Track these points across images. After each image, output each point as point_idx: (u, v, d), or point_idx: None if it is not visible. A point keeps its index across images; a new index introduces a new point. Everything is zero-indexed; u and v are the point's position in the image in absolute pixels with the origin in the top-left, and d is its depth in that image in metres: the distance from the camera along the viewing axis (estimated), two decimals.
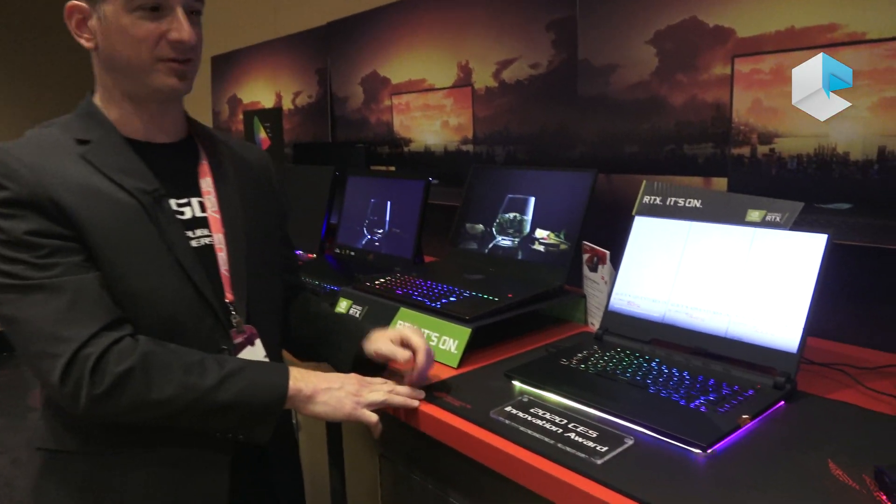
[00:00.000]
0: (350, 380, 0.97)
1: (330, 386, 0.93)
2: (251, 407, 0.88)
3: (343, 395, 0.93)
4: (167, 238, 0.91)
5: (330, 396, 0.93)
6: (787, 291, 1.01)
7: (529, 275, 1.42)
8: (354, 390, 0.95)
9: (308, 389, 0.92)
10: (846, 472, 0.77)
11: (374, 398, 0.95)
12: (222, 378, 0.86)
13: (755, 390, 0.97)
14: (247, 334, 0.99)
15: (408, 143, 2.19)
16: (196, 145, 1.02)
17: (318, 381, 0.93)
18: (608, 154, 1.58)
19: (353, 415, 0.93)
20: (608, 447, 0.84)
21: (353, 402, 0.93)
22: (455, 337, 1.18)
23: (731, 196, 1.14)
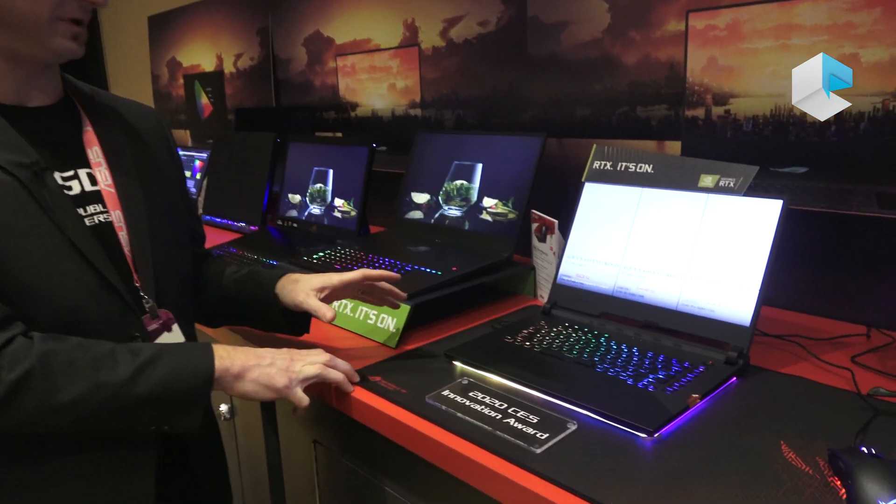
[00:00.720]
0: (281, 354, 0.88)
1: (259, 362, 0.85)
2: (175, 395, 0.79)
3: (274, 371, 0.85)
4: (56, 218, 0.78)
5: (260, 373, 0.84)
6: (741, 261, 0.96)
7: (476, 246, 1.34)
8: (286, 365, 0.87)
9: (236, 367, 0.83)
10: (799, 454, 0.73)
11: (308, 371, 0.87)
12: (137, 368, 0.76)
13: (706, 366, 0.92)
14: (162, 319, 0.89)
15: (354, 107, 2.08)
16: (76, 107, 0.89)
17: (247, 358, 0.85)
18: (560, 117, 1.50)
19: (285, 393, 0.85)
20: (549, 434, 0.78)
21: (286, 379, 0.85)
22: (393, 315, 1.10)
23: (683, 160, 1.08)
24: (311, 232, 1.75)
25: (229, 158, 2.16)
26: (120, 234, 0.86)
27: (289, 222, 1.83)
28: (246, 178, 2.05)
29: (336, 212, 1.70)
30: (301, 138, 1.86)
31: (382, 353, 1.06)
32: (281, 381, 0.85)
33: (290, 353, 0.89)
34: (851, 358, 0.97)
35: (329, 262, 1.32)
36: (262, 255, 1.62)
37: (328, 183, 1.73)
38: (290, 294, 0.99)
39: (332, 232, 1.68)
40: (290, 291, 1.00)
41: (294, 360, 0.88)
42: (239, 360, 0.84)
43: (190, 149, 2.66)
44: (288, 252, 1.59)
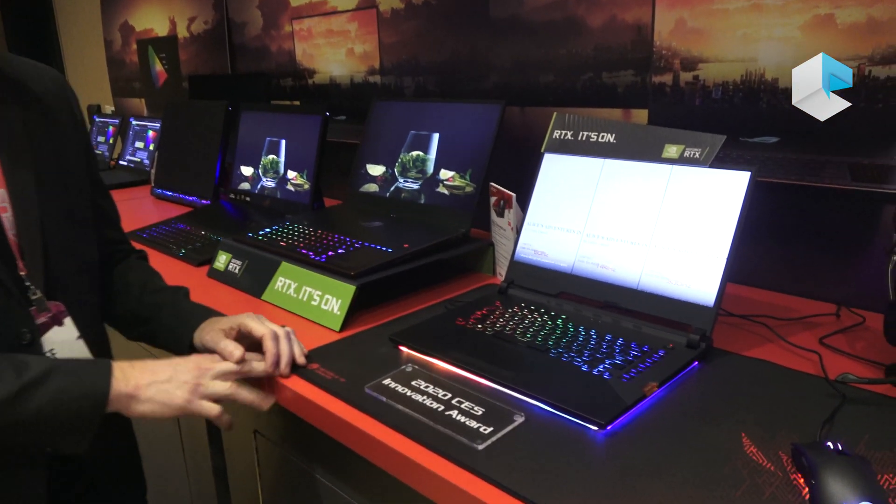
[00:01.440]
0: (185, 366, 0.79)
1: (155, 379, 0.76)
2: (61, 419, 0.70)
3: (173, 386, 0.76)
4: None
5: (156, 391, 0.75)
6: (705, 238, 0.89)
7: (433, 221, 1.27)
8: (190, 378, 0.78)
9: (129, 387, 0.74)
10: (760, 448, 0.67)
11: (215, 390, 0.79)
12: (21, 388, 0.67)
13: (667, 350, 0.86)
14: (52, 312, 0.80)
15: (312, 74, 1.97)
16: None
17: (141, 375, 0.76)
18: (523, 84, 1.42)
19: (188, 409, 0.77)
20: (493, 427, 0.71)
21: (187, 394, 0.77)
22: (338, 296, 1.03)
23: (647, 129, 1.01)
24: (264, 206, 1.66)
25: (180, 129, 2.05)
26: (3, 216, 0.76)
27: (241, 196, 1.74)
28: (197, 149, 1.95)
29: (289, 185, 1.60)
30: (253, 107, 1.76)
31: (326, 337, 0.98)
32: (180, 398, 0.76)
33: (196, 365, 0.80)
34: (820, 339, 0.92)
35: (275, 240, 1.24)
36: (211, 231, 1.53)
37: (280, 154, 1.64)
38: (198, 337, 0.88)
39: (285, 206, 1.59)
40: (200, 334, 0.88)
41: (202, 373, 0.79)
42: (133, 378, 0.75)
43: (143, 118, 2.53)
44: (237, 228, 1.50)
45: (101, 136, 2.79)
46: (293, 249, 1.17)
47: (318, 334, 0.99)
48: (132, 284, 0.96)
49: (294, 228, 1.29)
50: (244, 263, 1.22)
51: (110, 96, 3.20)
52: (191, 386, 0.77)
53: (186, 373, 0.78)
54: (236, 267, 1.23)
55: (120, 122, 2.70)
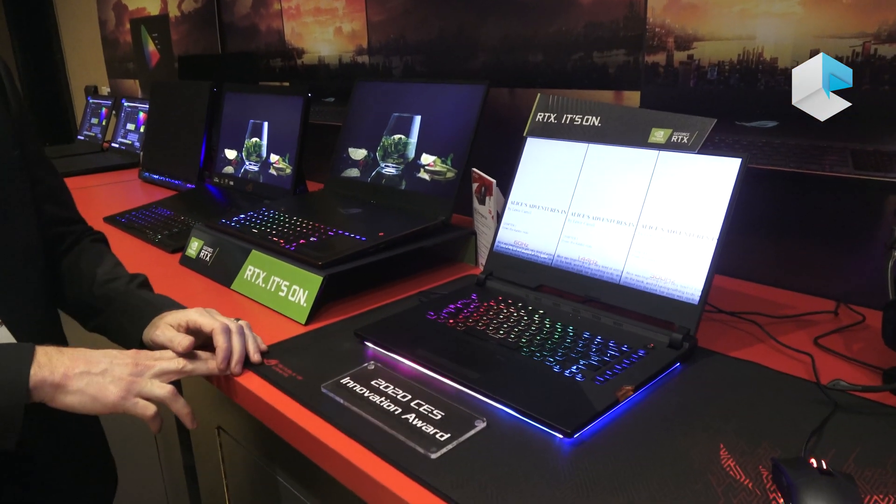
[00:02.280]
0: (122, 359, 0.73)
1: (89, 369, 0.70)
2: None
3: (108, 381, 0.70)
4: None
5: (88, 383, 0.69)
6: (692, 230, 0.83)
7: (413, 208, 1.21)
8: (126, 373, 0.72)
9: (56, 376, 0.68)
10: (739, 461, 0.61)
11: (152, 391, 0.72)
12: None
13: (647, 350, 0.80)
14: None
15: (300, 54, 1.91)
16: None
17: (73, 363, 0.69)
18: (512, 64, 1.35)
19: (121, 406, 0.70)
20: (451, 434, 0.66)
21: (122, 391, 0.70)
22: (305, 287, 0.97)
23: (634, 112, 0.94)
24: (246, 191, 1.61)
25: (166, 111, 2.00)
26: None
27: (225, 180, 1.69)
28: (183, 131, 1.90)
29: (272, 169, 1.55)
30: (236, 88, 1.70)
31: (291, 331, 0.93)
32: (113, 394, 0.70)
33: (135, 359, 0.74)
34: (814, 339, 0.86)
35: (248, 227, 1.19)
36: (192, 216, 1.48)
37: (263, 137, 1.58)
38: (147, 334, 0.82)
39: (268, 191, 1.54)
40: (149, 331, 0.82)
41: (140, 370, 0.73)
42: (62, 365, 0.69)
43: (136, 100, 2.48)
44: (217, 214, 1.45)
45: (94, 117, 2.74)
46: (265, 237, 1.12)
47: (284, 327, 0.94)
48: (84, 272, 0.91)
49: (269, 215, 1.24)
50: (215, 251, 1.17)
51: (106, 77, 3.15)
52: (126, 382, 0.71)
53: (123, 367, 0.72)
54: (207, 254, 1.18)
55: (112, 104, 2.66)
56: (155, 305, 0.85)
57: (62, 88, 3.75)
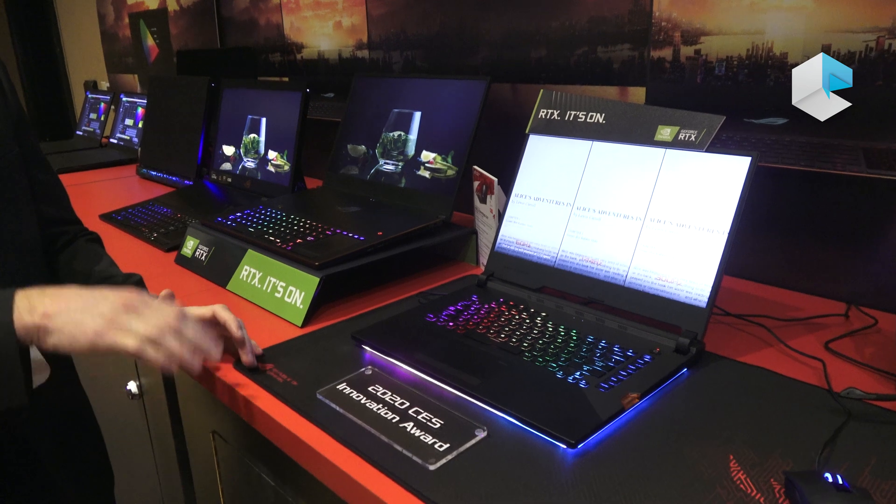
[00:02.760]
0: (111, 298, 0.65)
1: (69, 305, 0.63)
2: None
3: (88, 317, 0.63)
4: None
5: (68, 320, 0.62)
6: (699, 231, 0.80)
7: (412, 206, 1.18)
8: (109, 310, 0.64)
9: (35, 317, 0.61)
10: (750, 473, 0.59)
11: (124, 342, 0.63)
12: None
13: (653, 356, 0.77)
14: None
15: (300, 49, 1.88)
16: None
17: (56, 301, 0.63)
18: (514, 59, 1.32)
19: (101, 342, 0.63)
20: (450, 444, 0.64)
21: (101, 325, 0.63)
22: (302, 288, 0.95)
23: (639, 109, 0.91)
24: (244, 188, 1.58)
25: (164, 106, 1.97)
26: None
27: (223, 177, 1.66)
28: (181, 127, 1.87)
29: (270, 165, 1.52)
30: (235, 83, 1.67)
31: (287, 333, 0.91)
32: (91, 328, 0.62)
33: (125, 301, 0.66)
34: (825, 344, 0.83)
35: (244, 225, 1.16)
36: (188, 214, 1.46)
37: (261, 133, 1.56)
38: None
39: (266, 188, 1.51)
40: None
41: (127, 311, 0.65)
42: (41, 306, 0.62)
43: (135, 95, 2.46)
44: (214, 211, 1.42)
45: (93, 113, 2.72)
46: (261, 236, 1.09)
47: (280, 329, 0.92)
48: (77, 272, 0.88)
49: (266, 213, 1.21)
50: (211, 250, 1.15)
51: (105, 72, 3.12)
52: (107, 319, 0.64)
53: (108, 304, 0.65)
54: (203, 253, 1.16)
55: (111, 99, 2.63)
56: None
57: (61, 83, 3.72)
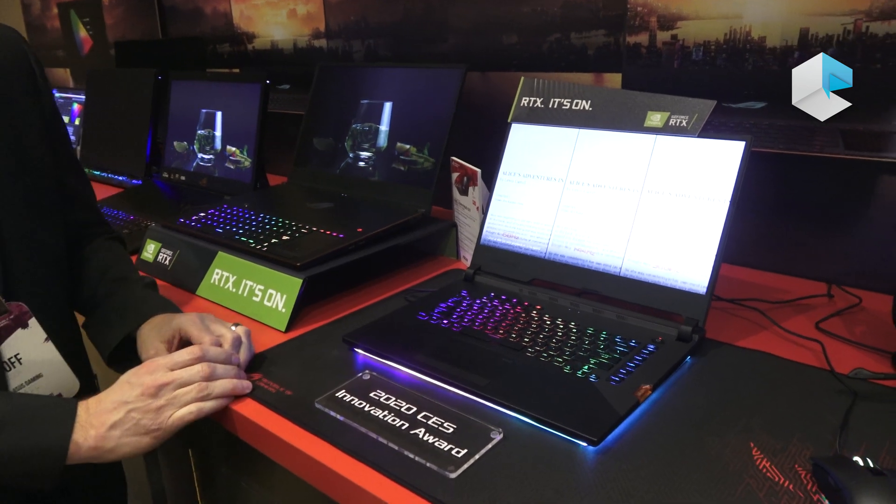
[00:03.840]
0: (134, 392, 0.66)
1: (116, 419, 0.65)
2: (15, 473, 0.62)
3: (134, 426, 0.65)
4: None
5: (122, 434, 0.65)
6: (695, 216, 0.80)
7: (388, 200, 1.14)
8: (145, 406, 0.66)
9: (91, 440, 0.64)
10: (773, 461, 0.58)
11: (181, 415, 0.67)
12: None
13: (656, 345, 0.76)
14: (13, 314, 0.70)
15: (251, 38, 1.80)
16: None
17: (103, 418, 0.65)
18: (484, 46, 1.29)
19: (162, 437, 0.67)
20: (468, 449, 0.61)
21: (153, 432, 0.66)
22: (283, 290, 0.90)
23: (627, 95, 0.90)
24: (200, 186, 1.50)
25: (106, 101, 1.85)
26: None
27: (175, 175, 1.57)
28: (126, 123, 1.76)
29: (228, 162, 1.45)
30: (184, 75, 1.58)
31: (270, 340, 0.86)
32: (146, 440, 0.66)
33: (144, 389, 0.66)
34: (816, 324, 0.84)
35: (210, 226, 1.09)
36: (141, 215, 1.37)
37: (216, 127, 1.48)
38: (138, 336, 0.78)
39: (225, 185, 1.44)
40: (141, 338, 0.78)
41: (156, 397, 0.67)
42: (93, 427, 0.64)
43: (69, 90, 2.31)
44: (170, 212, 1.35)
45: None
46: (231, 237, 1.03)
47: (263, 335, 0.87)
48: (92, 271, 0.86)
49: (232, 212, 1.15)
50: (175, 253, 1.08)
51: None
52: (151, 418, 0.66)
53: (140, 400, 0.66)
54: (166, 258, 1.09)
55: None
56: (150, 305, 0.80)
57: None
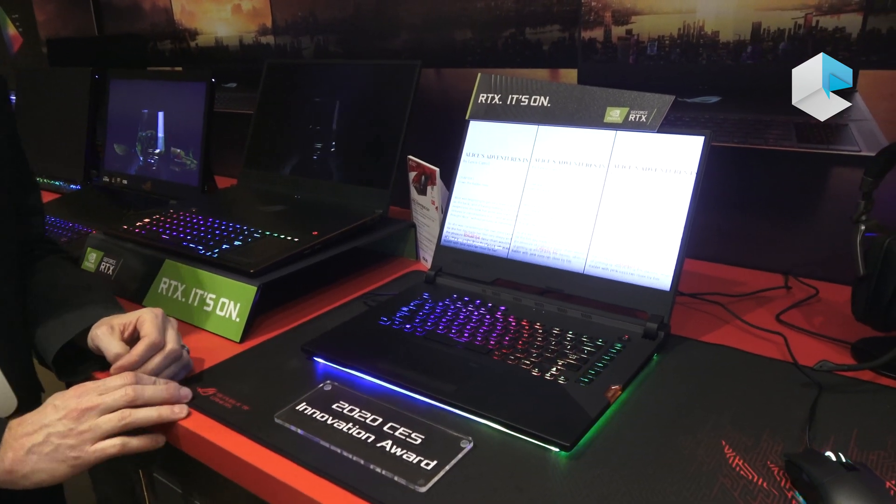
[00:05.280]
0: (57, 415, 0.63)
1: (34, 442, 0.61)
2: None
3: (52, 451, 0.61)
4: None
5: (39, 459, 0.61)
6: (657, 212, 0.79)
7: (345, 201, 1.11)
8: (66, 431, 0.62)
9: (6, 462, 0.61)
10: (746, 459, 0.58)
11: (103, 447, 0.63)
12: None
13: (623, 343, 0.76)
14: None
15: (194, 35, 1.73)
16: None
17: (22, 441, 0.61)
18: (437, 42, 1.27)
19: (80, 469, 0.63)
20: (437, 460, 0.58)
21: (71, 460, 0.62)
22: (237, 298, 0.86)
23: (585, 91, 0.89)
24: (144, 190, 1.43)
25: (39, 102, 1.75)
26: None
27: (117, 179, 1.50)
28: (61, 125, 1.67)
29: (173, 164, 1.39)
30: (124, 74, 1.51)
31: (224, 351, 0.82)
32: (63, 467, 0.62)
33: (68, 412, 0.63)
34: (776, 316, 0.85)
35: (156, 232, 1.04)
36: (81, 222, 1.30)
37: (159, 129, 1.41)
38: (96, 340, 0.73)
39: (170, 189, 1.38)
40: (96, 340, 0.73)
41: (79, 421, 0.63)
42: (10, 449, 0.62)
43: None
44: (111, 218, 1.28)
45: None
46: (178, 243, 0.98)
47: (216, 347, 0.83)
48: (42, 285, 0.82)
49: (179, 217, 1.09)
50: (119, 262, 1.02)
51: None
52: (71, 444, 0.62)
53: (60, 424, 0.62)
54: (109, 267, 1.03)
55: None
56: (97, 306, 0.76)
57: None
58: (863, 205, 0.72)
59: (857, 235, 0.72)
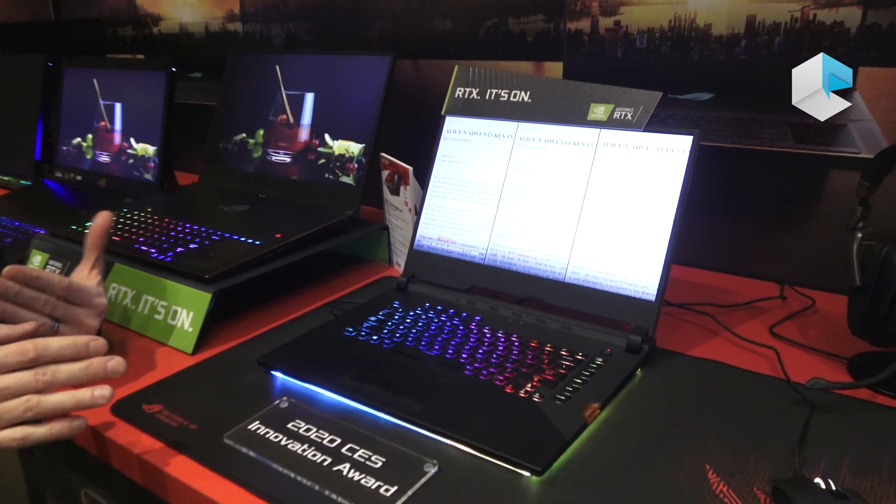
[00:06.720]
0: None
1: None
2: None
3: None
4: None
5: None
6: (642, 216, 0.78)
7: (312, 201, 1.09)
8: None
9: None
10: (731, 485, 0.57)
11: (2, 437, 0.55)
12: None
13: (604, 357, 0.74)
14: None
15: (156, 21, 1.70)
16: None
17: None
18: (415, 32, 1.25)
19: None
20: (398, 486, 0.57)
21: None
22: (190, 307, 0.84)
23: (568, 86, 0.88)
24: (99, 187, 1.41)
25: None
26: None
27: (70, 174, 1.47)
28: (11, 116, 1.64)
29: (130, 159, 1.36)
30: (79, 62, 1.48)
31: (175, 364, 0.79)
32: None
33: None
34: (770, 328, 0.84)
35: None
36: (31, 221, 1.27)
37: (115, 121, 1.39)
38: None
39: (127, 186, 1.35)
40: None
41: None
42: None
43: None
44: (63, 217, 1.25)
45: None
46: (129, 245, 0.96)
47: (166, 359, 0.81)
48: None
49: (134, 217, 1.07)
50: (65, 265, 1.00)
51: None
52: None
53: None
54: (56, 270, 1.00)
55: None
56: None
57: None
58: (859, 211, 0.72)
59: (854, 244, 0.72)
